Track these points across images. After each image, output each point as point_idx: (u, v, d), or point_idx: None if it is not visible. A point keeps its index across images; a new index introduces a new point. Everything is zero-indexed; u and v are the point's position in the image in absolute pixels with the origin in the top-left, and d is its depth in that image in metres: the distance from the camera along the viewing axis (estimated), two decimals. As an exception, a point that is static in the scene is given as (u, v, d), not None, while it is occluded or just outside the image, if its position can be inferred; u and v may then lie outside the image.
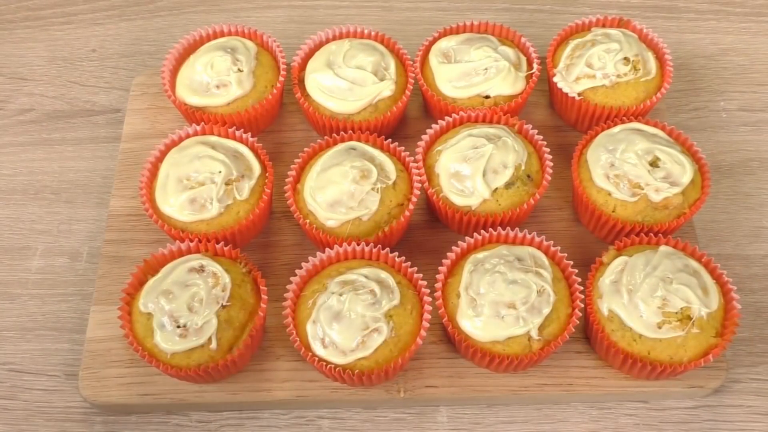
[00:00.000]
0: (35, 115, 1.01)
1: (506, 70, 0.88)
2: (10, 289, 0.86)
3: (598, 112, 0.88)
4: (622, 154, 0.80)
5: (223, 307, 0.72)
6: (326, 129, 0.89)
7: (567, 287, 0.75)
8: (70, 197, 0.93)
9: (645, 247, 0.77)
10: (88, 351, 0.78)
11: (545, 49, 0.94)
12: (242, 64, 0.89)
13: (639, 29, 0.93)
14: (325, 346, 0.71)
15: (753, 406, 0.77)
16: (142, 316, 0.73)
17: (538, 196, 0.81)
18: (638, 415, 0.76)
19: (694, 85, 1.01)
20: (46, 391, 0.79)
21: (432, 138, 0.86)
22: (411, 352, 0.71)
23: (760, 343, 0.81)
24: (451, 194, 0.81)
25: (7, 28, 1.10)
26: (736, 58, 1.04)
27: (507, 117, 0.86)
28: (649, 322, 0.71)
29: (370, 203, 0.79)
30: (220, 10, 1.10)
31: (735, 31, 1.07)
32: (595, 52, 0.88)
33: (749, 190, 0.92)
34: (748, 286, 0.84)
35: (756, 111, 0.99)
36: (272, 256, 0.85)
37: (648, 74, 0.89)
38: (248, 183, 0.81)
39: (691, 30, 1.08)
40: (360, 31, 0.94)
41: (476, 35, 0.93)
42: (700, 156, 0.83)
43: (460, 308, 0.73)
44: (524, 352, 0.72)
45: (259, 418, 0.77)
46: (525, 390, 0.75)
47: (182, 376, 0.72)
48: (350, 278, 0.74)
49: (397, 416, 0.77)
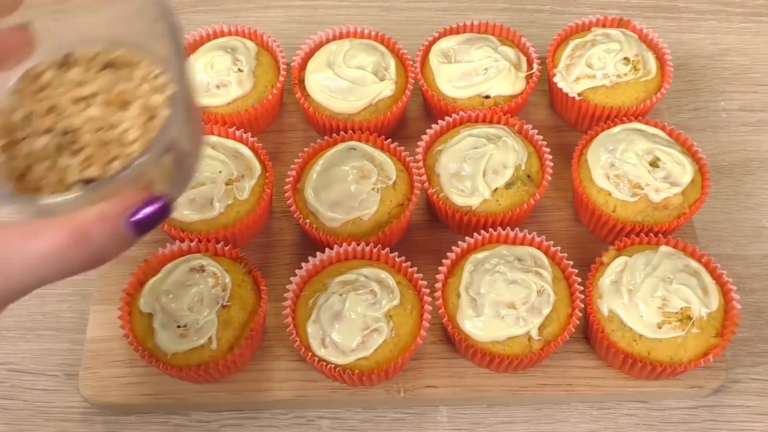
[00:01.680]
0: (35, 115, 1.01)
1: (506, 70, 0.88)
2: (10, 289, 0.86)
3: (598, 112, 0.88)
4: (622, 154, 0.80)
5: (223, 307, 0.72)
6: (326, 129, 0.89)
7: (567, 287, 0.76)
8: (70, 197, 0.93)
9: (645, 247, 0.77)
10: (88, 351, 0.78)
11: (545, 49, 0.94)
12: (242, 64, 0.89)
13: (639, 29, 0.93)
14: (325, 346, 0.71)
15: (753, 406, 0.77)
16: (142, 316, 0.73)
17: (538, 196, 0.81)
18: (638, 415, 0.76)
19: (694, 85, 1.02)
20: (46, 391, 0.79)
21: (432, 138, 0.86)
22: (411, 352, 0.71)
23: (760, 343, 0.81)
24: (451, 194, 0.81)
25: (7, 28, 1.10)
26: (736, 58, 1.04)
27: (507, 117, 0.86)
28: (649, 322, 0.71)
29: (370, 203, 0.79)
30: (220, 10, 1.10)
31: (735, 31, 1.07)
32: (595, 52, 0.88)
33: (749, 190, 0.92)
34: (748, 286, 0.84)
35: (756, 111, 0.99)
36: (272, 256, 0.85)
37: (648, 74, 0.89)
38: (248, 183, 0.81)
39: (691, 30, 1.08)
40: (360, 31, 0.94)
41: (476, 35, 0.93)
42: (700, 156, 0.83)
43: (460, 308, 0.73)
44: (524, 352, 0.72)
45: (259, 418, 0.77)
46: (525, 390, 0.75)
47: (182, 376, 0.72)
48: (350, 278, 0.74)
49: (397, 416, 0.77)
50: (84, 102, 0.49)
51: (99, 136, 0.47)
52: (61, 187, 0.45)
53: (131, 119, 0.47)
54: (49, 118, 0.48)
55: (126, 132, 0.46)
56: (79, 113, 0.48)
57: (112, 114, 0.48)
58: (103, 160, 0.46)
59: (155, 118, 0.47)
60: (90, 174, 0.45)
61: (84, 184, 0.45)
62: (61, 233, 0.39)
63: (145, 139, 0.46)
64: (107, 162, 0.46)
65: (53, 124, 0.48)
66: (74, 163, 0.45)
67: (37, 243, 0.39)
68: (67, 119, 0.47)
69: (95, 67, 0.51)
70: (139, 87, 0.49)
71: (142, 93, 0.49)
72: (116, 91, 0.49)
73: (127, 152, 0.46)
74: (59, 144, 0.47)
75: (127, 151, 0.46)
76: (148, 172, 0.43)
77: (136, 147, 0.46)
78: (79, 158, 0.46)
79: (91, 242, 0.40)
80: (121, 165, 0.45)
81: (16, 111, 0.49)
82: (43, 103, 0.49)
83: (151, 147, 0.42)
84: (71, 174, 0.45)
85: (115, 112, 0.48)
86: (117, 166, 0.45)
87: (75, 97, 0.49)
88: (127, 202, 0.42)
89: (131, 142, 0.46)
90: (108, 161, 0.46)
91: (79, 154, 0.46)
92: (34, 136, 0.47)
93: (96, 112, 0.48)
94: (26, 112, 0.48)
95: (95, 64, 0.51)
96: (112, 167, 0.45)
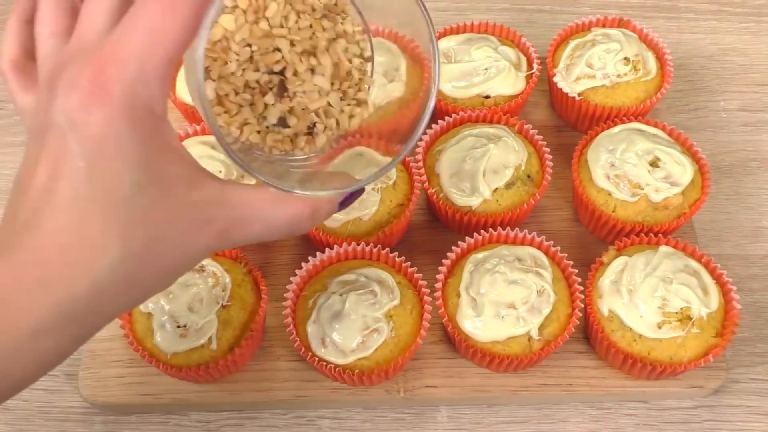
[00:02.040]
0: (35, 115, 1.01)
1: (506, 70, 0.88)
2: (10, 289, 0.86)
3: (598, 112, 0.88)
4: (622, 155, 0.80)
5: (223, 307, 0.72)
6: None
7: (567, 287, 0.75)
8: (70, 197, 0.93)
9: (645, 247, 0.77)
10: (88, 351, 0.78)
11: (545, 49, 0.94)
12: (242, 64, 0.89)
13: (639, 29, 0.93)
14: (325, 346, 0.71)
15: (753, 406, 0.77)
16: (142, 316, 0.73)
17: (538, 196, 0.81)
18: (638, 415, 0.76)
19: (694, 85, 1.02)
20: (46, 391, 0.79)
21: (432, 138, 0.86)
22: (411, 352, 0.71)
23: (760, 343, 0.81)
24: (451, 194, 0.81)
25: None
26: (736, 59, 1.04)
27: (507, 117, 0.86)
28: (649, 322, 0.71)
29: (370, 203, 0.79)
30: (220, 10, 1.10)
31: (735, 31, 1.07)
32: (595, 52, 0.88)
33: (749, 190, 0.92)
34: (748, 286, 0.84)
35: (756, 111, 0.99)
36: (272, 256, 0.85)
37: (648, 74, 0.89)
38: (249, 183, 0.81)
39: (691, 30, 1.08)
40: (360, 31, 0.94)
41: (476, 35, 0.93)
42: (700, 156, 0.83)
43: (461, 308, 0.73)
44: (524, 352, 0.72)
45: (259, 418, 0.77)
46: (525, 390, 0.75)
47: (182, 376, 0.72)
48: (350, 278, 0.74)
49: (397, 416, 0.77)
50: (310, 56, 0.48)
51: (319, 102, 0.50)
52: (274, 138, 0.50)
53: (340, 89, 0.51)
54: (269, 57, 0.47)
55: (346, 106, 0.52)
56: (305, 70, 0.48)
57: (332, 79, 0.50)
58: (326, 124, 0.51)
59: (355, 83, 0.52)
60: (318, 144, 0.52)
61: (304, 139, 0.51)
62: (303, 208, 0.47)
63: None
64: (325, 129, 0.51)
65: (270, 67, 0.48)
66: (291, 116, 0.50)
67: (285, 210, 0.47)
68: (297, 81, 0.48)
69: (318, 12, 0.49)
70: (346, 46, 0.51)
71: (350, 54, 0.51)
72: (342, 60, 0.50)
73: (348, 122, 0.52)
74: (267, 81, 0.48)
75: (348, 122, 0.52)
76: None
77: (355, 122, 0.53)
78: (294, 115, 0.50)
79: (318, 216, 0.48)
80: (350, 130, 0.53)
81: (235, 35, 0.46)
82: (265, 41, 0.47)
83: (399, 155, 0.49)
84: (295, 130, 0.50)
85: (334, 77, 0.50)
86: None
87: (304, 52, 0.48)
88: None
89: (349, 116, 0.52)
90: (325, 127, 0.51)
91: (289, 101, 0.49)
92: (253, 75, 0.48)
93: (323, 83, 0.49)
94: (245, 42, 0.47)
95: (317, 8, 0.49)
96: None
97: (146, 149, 0.40)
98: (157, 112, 0.40)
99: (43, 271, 0.40)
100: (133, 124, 0.38)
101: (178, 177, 0.42)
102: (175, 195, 0.42)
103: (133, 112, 0.38)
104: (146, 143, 0.39)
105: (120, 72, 0.38)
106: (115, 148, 0.38)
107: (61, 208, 0.39)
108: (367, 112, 0.53)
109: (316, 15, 0.49)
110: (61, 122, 0.39)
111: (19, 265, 0.40)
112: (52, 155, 0.39)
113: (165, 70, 0.39)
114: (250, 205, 0.45)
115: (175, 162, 0.42)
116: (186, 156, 0.43)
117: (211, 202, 0.44)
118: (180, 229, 0.42)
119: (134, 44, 0.38)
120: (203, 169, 0.45)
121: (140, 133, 0.39)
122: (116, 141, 0.38)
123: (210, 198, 0.44)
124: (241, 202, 0.45)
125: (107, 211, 0.39)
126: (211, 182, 0.44)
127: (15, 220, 0.41)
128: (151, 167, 0.40)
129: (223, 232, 0.44)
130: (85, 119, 0.38)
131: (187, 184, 0.42)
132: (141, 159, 0.39)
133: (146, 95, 0.39)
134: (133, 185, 0.39)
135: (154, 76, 0.38)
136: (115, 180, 0.39)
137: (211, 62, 0.47)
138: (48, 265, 0.40)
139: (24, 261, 0.40)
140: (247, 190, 0.45)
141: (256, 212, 0.46)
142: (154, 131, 0.40)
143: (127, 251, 0.40)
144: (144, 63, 0.38)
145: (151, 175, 0.40)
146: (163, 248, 0.42)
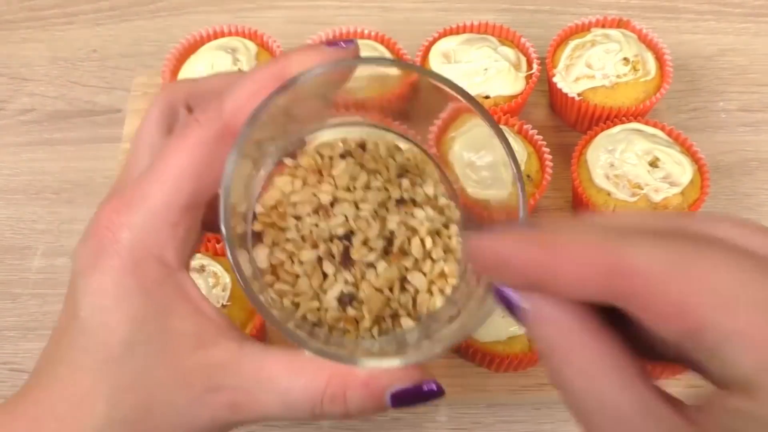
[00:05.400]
0: (36, 115, 1.01)
1: (506, 70, 0.88)
2: (11, 289, 0.86)
3: (598, 112, 0.88)
4: (621, 155, 0.81)
5: (223, 306, 0.73)
6: (326, 129, 0.89)
7: (567, 287, 0.75)
8: (71, 197, 0.93)
9: (644, 247, 0.77)
10: (89, 351, 0.78)
11: (545, 50, 0.94)
12: (243, 64, 0.89)
13: (638, 30, 0.93)
14: (325, 346, 0.71)
15: (752, 406, 0.77)
16: (143, 315, 0.73)
17: (538, 196, 0.81)
18: (638, 414, 0.76)
19: (694, 85, 1.02)
20: (47, 391, 0.79)
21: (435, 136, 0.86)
22: (411, 351, 0.71)
23: (759, 343, 0.81)
24: (451, 194, 0.81)
25: (8, 28, 1.10)
26: (736, 59, 1.04)
27: (507, 117, 0.86)
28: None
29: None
30: (221, 10, 1.10)
31: (734, 32, 1.07)
32: (595, 52, 0.88)
33: (748, 190, 0.92)
34: (747, 286, 0.84)
35: (755, 111, 0.99)
36: (273, 256, 0.85)
37: (647, 74, 0.89)
38: None
39: (690, 30, 1.08)
40: (360, 31, 0.94)
41: (476, 35, 0.93)
42: (700, 156, 0.83)
43: (460, 308, 0.73)
44: (524, 352, 0.72)
45: (259, 417, 0.77)
46: (525, 390, 0.76)
47: (183, 375, 0.72)
48: (350, 278, 0.73)
49: (397, 416, 0.77)
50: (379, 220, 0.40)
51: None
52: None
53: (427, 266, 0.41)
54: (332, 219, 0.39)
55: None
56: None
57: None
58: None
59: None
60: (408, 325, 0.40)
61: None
62: (320, 380, 0.37)
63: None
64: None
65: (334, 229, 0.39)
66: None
67: (298, 381, 0.37)
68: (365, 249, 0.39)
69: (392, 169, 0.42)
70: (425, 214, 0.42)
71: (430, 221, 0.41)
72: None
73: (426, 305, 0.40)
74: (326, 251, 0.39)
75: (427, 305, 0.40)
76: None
77: (438, 301, 0.41)
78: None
79: (340, 402, 0.37)
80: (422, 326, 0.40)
81: (293, 194, 0.40)
82: (325, 196, 0.39)
83: (471, 328, 0.37)
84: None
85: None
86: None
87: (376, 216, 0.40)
88: (397, 376, 0.38)
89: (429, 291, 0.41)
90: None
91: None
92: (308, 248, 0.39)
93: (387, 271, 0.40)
94: (303, 200, 0.39)
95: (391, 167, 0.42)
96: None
97: (148, 302, 0.36)
98: (168, 260, 0.37)
99: (32, 427, 0.37)
100: (136, 273, 0.36)
101: (184, 334, 0.37)
102: (177, 355, 0.37)
103: (138, 260, 0.36)
104: (150, 295, 0.36)
105: (128, 216, 0.36)
106: (114, 300, 0.36)
107: (63, 359, 0.37)
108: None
109: (390, 175, 0.42)
110: (74, 268, 0.38)
111: (14, 418, 0.38)
112: (68, 303, 0.39)
113: (176, 215, 0.36)
114: (267, 370, 0.37)
115: (184, 317, 0.37)
116: (206, 309, 0.38)
117: (221, 367, 0.37)
118: (179, 397, 0.37)
119: (145, 187, 0.36)
120: (224, 325, 0.38)
121: (143, 284, 0.36)
122: (115, 292, 0.36)
123: (220, 361, 0.37)
124: (260, 367, 0.37)
125: (98, 368, 0.36)
126: (226, 342, 0.37)
127: (36, 367, 0.39)
128: (150, 322, 0.36)
129: (233, 405, 0.37)
130: (91, 265, 0.37)
131: (195, 343, 0.37)
132: (139, 313, 0.36)
133: (154, 243, 0.36)
134: (125, 343, 0.36)
135: (164, 221, 0.36)
136: (108, 335, 0.36)
137: (265, 228, 0.40)
138: (38, 421, 0.37)
139: (23, 413, 0.38)
140: (270, 353, 0.38)
141: (269, 382, 0.37)
142: (162, 282, 0.37)
143: (112, 417, 0.36)
144: (152, 207, 0.36)
145: (150, 332, 0.36)
146: (158, 417, 0.37)
